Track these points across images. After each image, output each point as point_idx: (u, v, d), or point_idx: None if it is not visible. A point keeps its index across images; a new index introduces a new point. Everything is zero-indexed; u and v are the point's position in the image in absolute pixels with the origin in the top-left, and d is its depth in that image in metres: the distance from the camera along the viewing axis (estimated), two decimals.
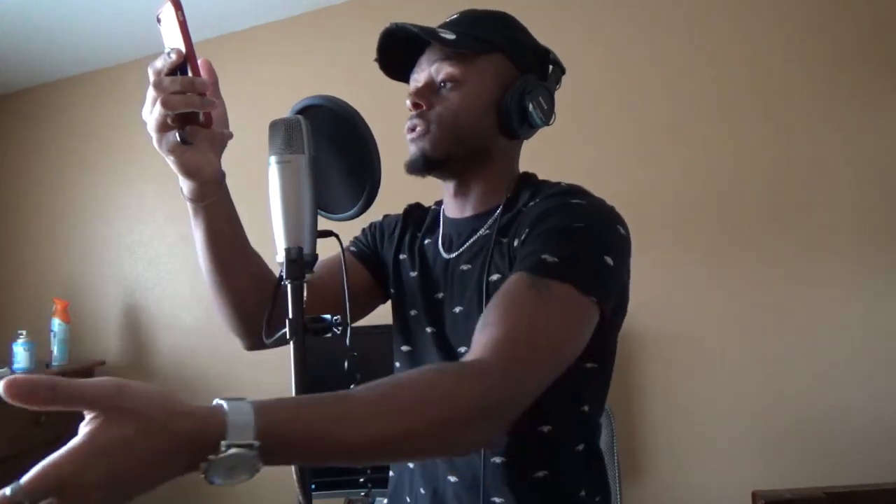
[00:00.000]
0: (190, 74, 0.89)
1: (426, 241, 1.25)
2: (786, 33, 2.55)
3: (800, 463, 2.43)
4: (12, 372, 3.01)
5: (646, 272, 2.54)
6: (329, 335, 0.90)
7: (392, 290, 1.27)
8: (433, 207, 1.32)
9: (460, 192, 1.19)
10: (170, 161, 0.94)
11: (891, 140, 2.43)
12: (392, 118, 1.18)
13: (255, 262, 1.10)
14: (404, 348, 1.22)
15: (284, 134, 0.90)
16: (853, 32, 2.48)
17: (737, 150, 2.57)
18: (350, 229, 1.30)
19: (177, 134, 0.91)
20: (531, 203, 1.09)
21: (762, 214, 2.53)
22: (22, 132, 3.70)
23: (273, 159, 0.90)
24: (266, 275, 1.11)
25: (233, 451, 0.61)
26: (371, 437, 0.71)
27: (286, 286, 0.88)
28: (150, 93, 0.89)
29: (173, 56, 0.88)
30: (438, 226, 1.25)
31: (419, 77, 1.14)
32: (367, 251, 1.31)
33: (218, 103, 0.96)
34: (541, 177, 1.21)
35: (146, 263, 3.42)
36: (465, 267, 1.13)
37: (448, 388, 0.78)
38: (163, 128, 0.90)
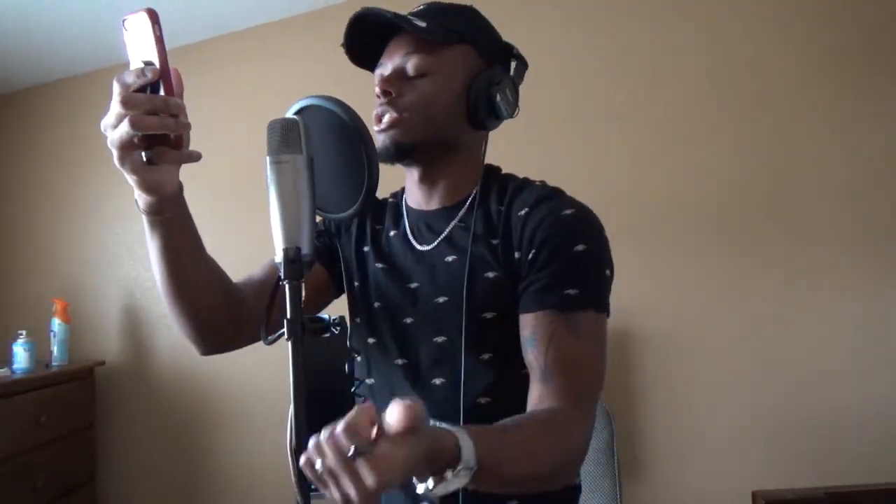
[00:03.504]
0: (163, 93, 0.87)
1: (392, 234, 1.26)
2: (784, 30, 2.56)
3: (800, 462, 2.43)
4: (12, 372, 3.02)
5: (644, 271, 2.56)
6: (327, 335, 0.90)
7: (355, 284, 1.27)
8: (390, 200, 1.33)
9: (427, 181, 1.21)
10: (130, 178, 0.92)
11: (888, 139, 2.43)
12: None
13: (211, 271, 1.10)
14: (371, 340, 1.23)
15: (282, 134, 0.90)
16: (853, 31, 2.48)
17: (733, 148, 2.57)
18: None
19: (143, 154, 0.89)
20: (520, 209, 1.13)
21: (759, 213, 2.53)
22: (22, 132, 3.70)
23: (270, 160, 0.90)
24: (222, 282, 1.12)
25: (463, 472, 0.77)
26: (525, 475, 0.89)
27: (284, 286, 0.87)
28: (117, 108, 0.86)
29: (149, 74, 0.86)
30: (402, 218, 1.26)
31: (388, 65, 1.16)
32: (323, 247, 1.32)
33: (189, 125, 0.93)
34: (534, 174, 1.24)
35: (146, 263, 3.39)
36: (449, 258, 1.16)
37: (571, 438, 0.96)
38: (127, 146, 0.88)
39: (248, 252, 3.11)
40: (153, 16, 0.85)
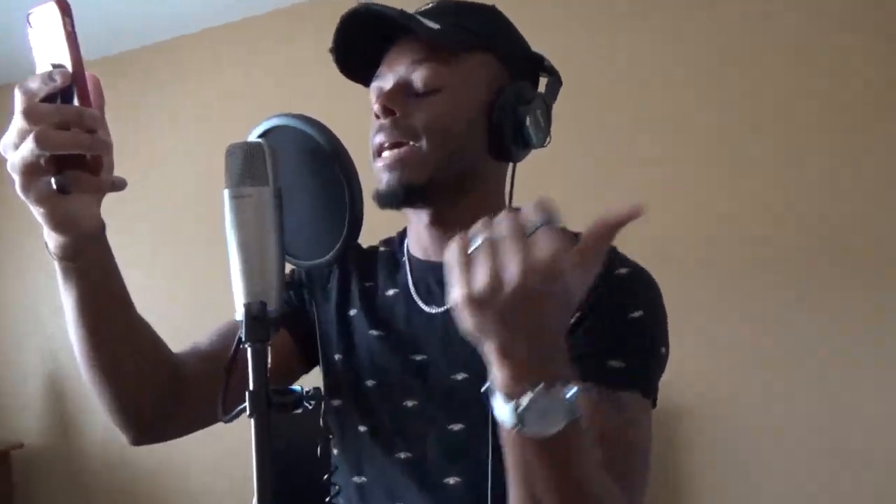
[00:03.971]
0: (76, 102, 0.83)
1: (389, 293, 1.21)
2: (861, 53, 2.55)
3: None
4: None
5: (689, 330, 2.53)
6: (299, 411, 0.88)
7: (336, 357, 1.21)
8: (381, 249, 1.28)
9: (438, 225, 1.14)
10: (37, 212, 0.88)
11: None
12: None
13: (142, 336, 1.06)
14: (361, 429, 1.17)
15: (244, 162, 0.87)
16: None
17: (791, 189, 2.56)
18: None
19: (52, 180, 0.84)
20: None
21: (826, 265, 2.51)
22: None
23: (228, 193, 0.87)
24: (157, 351, 1.08)
25: (566, 405, 0.73)
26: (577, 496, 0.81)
27: (245, 350, 0.85)
28: (18, 122, 0.82)
29: (57, 79, 0.82)
30: (401, 272, 1.21)
31: (388, 77, 1.10)
32: (289, 310, 1.25)
33: (111, 143, 0.89)
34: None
35: None
36: None
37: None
38: (33, 171, 0.83)
39: (202, 307, 3.12)
40: (63, 6, 0.82)
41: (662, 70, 2.72)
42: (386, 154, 1.08)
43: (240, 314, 0.87)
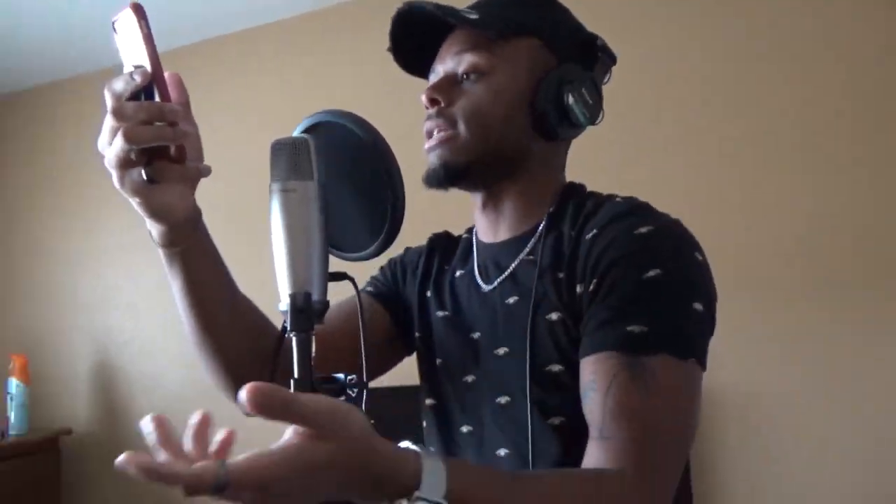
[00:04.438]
0: (157, 98, 0.88)
1: (458, 274, 1.26)
2: None
3: None
4: None
5: (727, 324, 2.52)
6: (342, 398, 0.89)
7: (417, 335, 1.28)
8: (464, 236, 1.34)
9: (491, 205, 1.20)
10: (134, 202, 0.94)
11: None
12: (416, 130, 1.19)
13: (246, 311, 1.12)
14: (429, 402, 1.24)
15: (289, 157, 0.89)
16: None
17: (833, 190, 2.54)
18: (367, 271, 1.30)
19: (142, 171, 0.91)
20: (589, 231, 1.08)
21: (863, 259, 2.49)
22: None
23: (275, 187, 0.90)
24: (261, 323, 1.13)
25: None
26: None
27: (291, 339, 0.87)
28: (109, 121, 0.88)
29: (137, 78, 0.87)
30: (472, 254, 1.26)
31: (439, 70, 1.16)
32: (387, 292, 1.32)
33: (192, 132, 0.96)
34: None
35: (122, 312, 3.46)
36: (510, 300, 1.14)
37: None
38: (125, 164, 0.90)
39: (250, 296, 3.13)
40: (138, 10, 0.86)
41: (692, 65, 2.71)
42: (432, 138, 1.14)
43: (284, 305, 0.88)
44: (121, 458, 0.68)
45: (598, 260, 1.04)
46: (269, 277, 0.92)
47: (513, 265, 1.17)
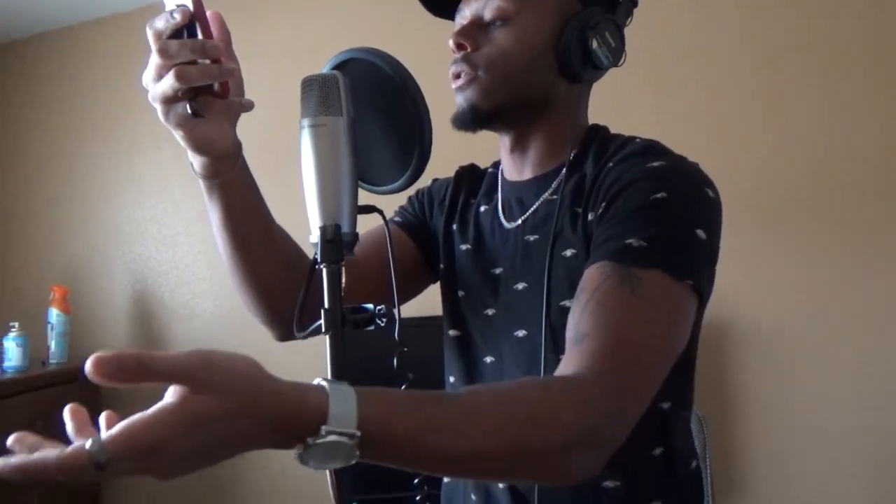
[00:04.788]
0: (199, 36, 0.91)
1: (482, 209, 1.29)
2: None
3: None
4: (3, 371, 3.11)
5: (738, 256, 2.53)
6: (372, 327, 0.92)
7: (441, 266, 1.31)
8: (490, 170, 1.36)
9: (518, 148, 1.23)
10: (178, 135, 0.98)
11: None
12: (442, 71, 1.21)
13: (282, 242, 1.15)
14: (452, 333, 1.27)
15: (319, 93, 0.91)
16: None
17: (843, 115, 2.51)
18: (396, 204, 1.33)
19: (187, 106, 0.94)
20: (605, 165, 1.11)
21: (880, 188, 2.48)
22: (10, 90, 3.80)
23: (306, 122, 0.92)
24: (296, 254, 1.17)
25: (333, 438, 0.67)
26: (464, 452, 0.76)
27: (321, 270, 0.89)
28: (155, 59, 0.90)
29: (177, 17, 0.89)
30: (497, 191, 1.28)
31: (465, 13, 1.17)
32: (415, 221, 1.36)
33: (234, 68, 0.99)
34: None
35: (159, 244, 3.50)
36: (531, 237, 1.17)
37: (552, 408, 0.82)
38: (171, 99, 0.93)
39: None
40: None
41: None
42: (459, 79, 1.15)
43: (315, 237, 0.91)
44: None
45: (608, 187, 1.06)
46: (301, 213, 0.93)
47: (535, 204, 1.19)
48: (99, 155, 3.61)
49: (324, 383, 0.70)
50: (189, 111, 0.94)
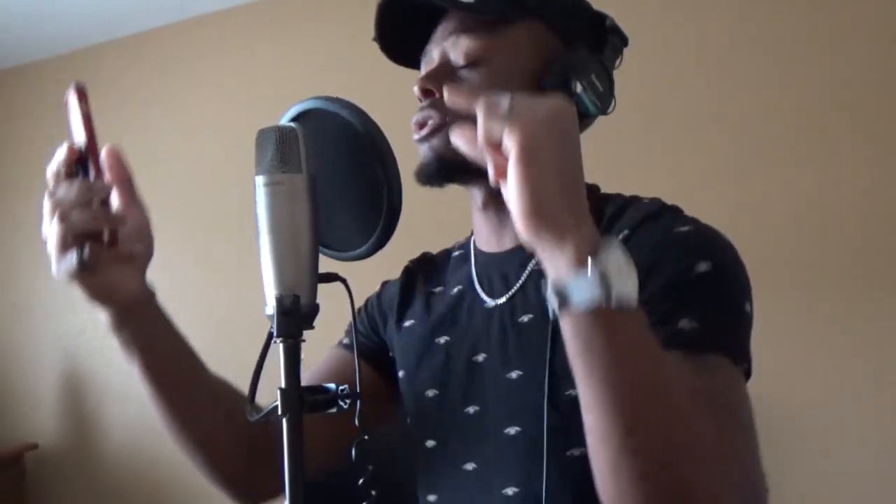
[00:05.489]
0: (92, 175, 0.90)
1: (454, 291, 1.19)
2: None
3: None
4: None
5: (764, 327, 2.47)
6: (334, 410, 0.89)
7: (400, 374, 1.21)
8: (455, 253, 1.27)
9: (492, 206, 1.12)
10: (74, 286, 0.94)
11: None
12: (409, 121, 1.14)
13: (221, 394, 1.10)
14: (429, 444, 1.15)
15: (276, 147, 0.87)
16: None
17: (851, 182, 2.47)
18: (360, 271, 1.22)
19: (74, 258, 0.90)
20: (618, 233, 1.02)
21: (885, 261, 2.43)
22: None
23: (261, 180, 0.87)
24: (240, 406, 1.06)
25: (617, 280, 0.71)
26: (657, 415, 0.74)
27: (278, 346, 0.85)
28: (46, 203, 0.89)
29: (64, 156, 0.89)
30: (469, 266, 1.19)
31: (433, 56, 1.09)
32: (368, 343, 1.27)
33: (127, 216, 0.95)
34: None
35: (91, 317, 3.37)
36: (525, 318, 1.06)
37: (718, 448, 0.77)
38: (63, 246, 0.89)
39: (230, 301, 3.11)
40: (79, 92, 0.91)
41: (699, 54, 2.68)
42: (423, 130, 1.06)
43: (271, 308, 0.86)
44: None
45: (638, 260, 0.97)
46: (255, 280, 0.89)
47: (523, 277, 1.10)
48: (23, 211, 3.55)
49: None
50: (76, 263, 0.90)
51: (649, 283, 0.93)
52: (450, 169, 1.05)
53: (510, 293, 1.10)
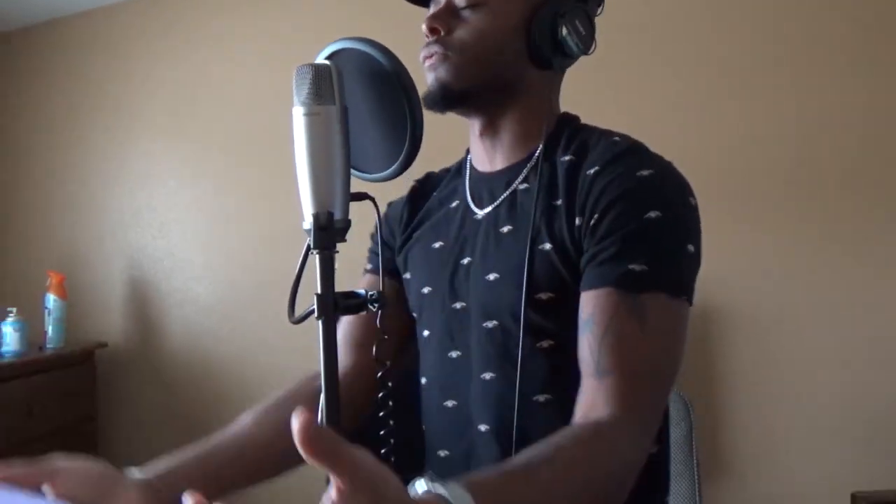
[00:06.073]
0: None
1: (453, 205, 1.30)
2: None
3: None
4: (1, 356, 3.11)
5: (724, 240, 2.52)
6: (364, 312, 0.95)
7: (406, 276, 1.32)
8: (452, 169, 1.38)
9: (488, 132, 1.24)
10: None
11: None
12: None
13: (270, 443, 1.14)
14: (425, 333, 1.28)
15: (312, 82, 0.91)
16: None
17: (820, 98, 2.52)
18: (387, 191, 1.34)
19: None
20: (590, 167, 1.12)
21: (860, 176, 2.49)
22: (9, 79, 3.80)
23: (299, 111, 0.92)
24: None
25: None
26: None
27: (314, 256, 0.90)
28: None
29: None
30: (463, 181, 1.30)
31: None
32: (386, 259, 1.37)
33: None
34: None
35: (154, 231, 3.52)
36: (505, 229, 1.18)
37: (622, 458, 0.95)
38: None
39: (271, 226, 3.18)
40: None
41: None
42: (430, 60, 1.17)
43: (308, 224, 0.92)
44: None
45: (599, 196, 1.09)
46: (294, 201, 0.94)
47: (506, 193, 1.21)
48: (94, 144, 3.61)
49: (444, 492, 0.71)
50: None
51: (607, 218, 1.06)
52: (452, 97, 1.17)
53: (495, 204, 1.22)
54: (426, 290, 1.27)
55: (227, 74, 3.32)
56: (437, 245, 1.28)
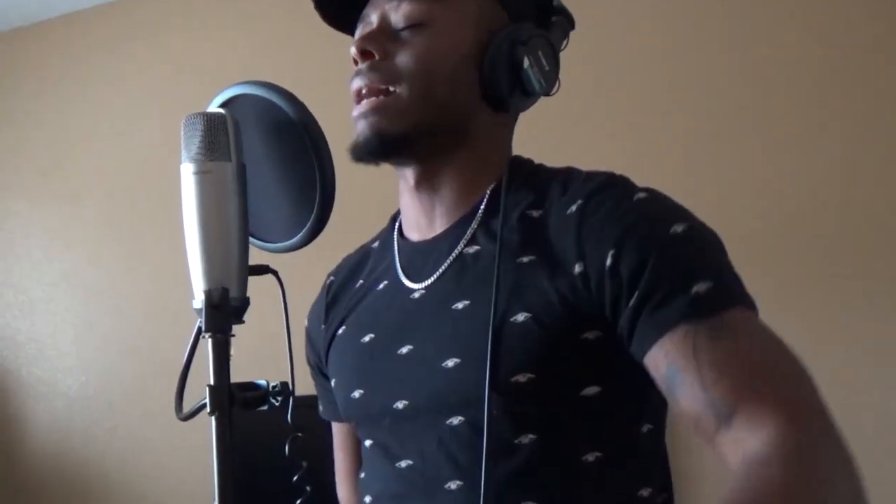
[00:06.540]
0: None
1: (379, 287, 1.14)
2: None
3: None
4: None
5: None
6: (265, 407, 0.89)
7: (333, 382, 1.17)
8: (374, 245, 1.23)
9: (425, 185, 1.08)
10: None
11: None
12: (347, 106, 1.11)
13: None
14: (367, 444, 1.12)
15: (204, 134, 0.86)
16: None
17: (819, 174, 2.48)
18: (293, 263, 1.20)
19: None
20: (566, 206, 0.99)
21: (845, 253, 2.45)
22: None
23: (189, 169, 0.87)
24: None
25: None
26: None
27: (206, 340, 0.85)
28: None
29: None
30: (392, 256, 1.14)
31: (371, 19, 1.05)
32: (320, 365, 1.24)
33: None
34: None
35: (17, 311, 3.41)
36: (459, 305, 1.01)
37: (838, 474, 0.75)
38: None
39: (158, 293, 3.08)
40: None
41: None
42: (363, 102, 1.02)
43: (199, 302, 0.86)
44: None
45: (600, 231, 0.94)
46: (183, 272, 0.88)
47: (449, 260, 1.06)
48: None
49: None
50: None
51: (625, 254, 0.91)
52: (389, 145, 1.01)
53: (436, 275, 1.06)
54: (356, 393, 1.10)
55: (104, 122, 3.21)
56: (366, 339, 1.11)
